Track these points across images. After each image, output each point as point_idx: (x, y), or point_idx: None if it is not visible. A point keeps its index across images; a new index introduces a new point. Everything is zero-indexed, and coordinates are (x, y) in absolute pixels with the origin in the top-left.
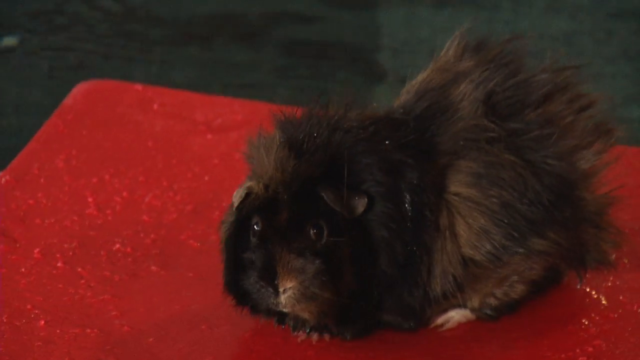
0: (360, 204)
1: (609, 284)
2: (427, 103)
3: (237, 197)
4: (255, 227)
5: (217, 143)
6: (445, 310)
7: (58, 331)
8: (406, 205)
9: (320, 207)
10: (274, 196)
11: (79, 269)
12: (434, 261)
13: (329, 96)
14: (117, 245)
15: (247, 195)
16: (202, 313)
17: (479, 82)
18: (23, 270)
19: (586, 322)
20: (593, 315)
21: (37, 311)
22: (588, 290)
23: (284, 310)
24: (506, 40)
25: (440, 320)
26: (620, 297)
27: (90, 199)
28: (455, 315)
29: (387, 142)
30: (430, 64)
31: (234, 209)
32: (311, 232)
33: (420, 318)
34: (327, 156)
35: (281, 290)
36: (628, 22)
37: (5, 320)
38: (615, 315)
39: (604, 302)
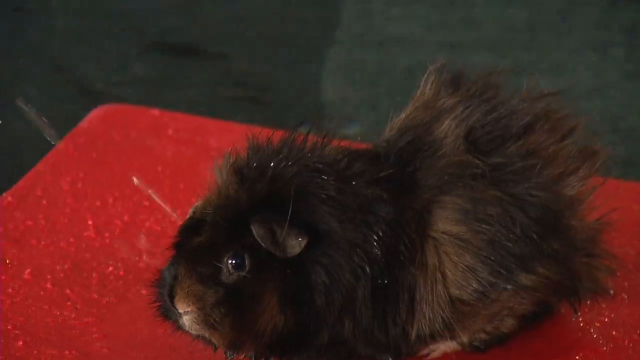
0: (298, 245)
1: (605, 319)
2: (410, 138)
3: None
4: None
5: None
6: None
7: (35, 352)
8: (375, 242)
9: (252, 238)
10: (202, 217)
11: (67, 291)
12: (419, 300)
13: (311, 123)
14: (110, 268)
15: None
16: (185, 338)
17: (462, 119)
18: (10, 290)
19: (575, 356)
20: (583, 348)
21: (17, 331)
22: (582, 324)
23: (190, 332)
24: (485, 74)
25: (425, 350)
26: (614, 332)
27: (90, 222)
28: (441, 345)
29: (356, 178)
30: (410, 101)
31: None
32: (229, 261)
33: (397, 352)
34: (268, 188)
35: (181, 311)
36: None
37: None
38: (606, 349)
39: (595, 336)
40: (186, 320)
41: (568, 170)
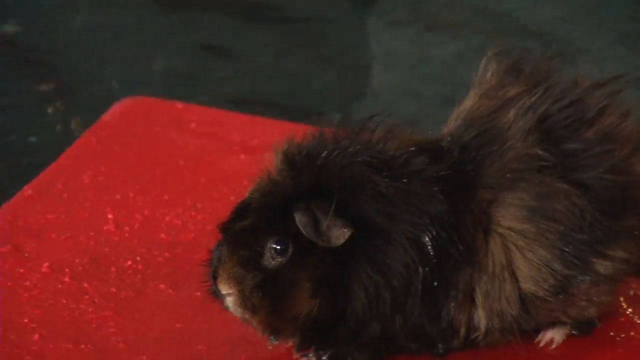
0: (342, 235)
1: None
2: (475, 132)
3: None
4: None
5: (250, 164)
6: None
7: (51, 346)
8: (427, 242)
9: (296, 226)
10: (250, 202)
11: (85, 285)
12: (483, 297)
13: (379, 118)
14: (129, 262)
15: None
16: (202, 334)
17: (528, 108)
18: (27, 283)
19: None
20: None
21: (34, 325)
22: None
23: (235, 314)
24: (546, 59)
25: (538, 338)
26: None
27: (110, 216)
28: (549, 333)
29: (413, 175)
30: (473, 88)
31: None
32: (272, 246)
33: (447, 345)
34: (316, 177)
35: (223, 293)
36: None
37: None
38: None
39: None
40: (229, 302)
41: (637, 147)
